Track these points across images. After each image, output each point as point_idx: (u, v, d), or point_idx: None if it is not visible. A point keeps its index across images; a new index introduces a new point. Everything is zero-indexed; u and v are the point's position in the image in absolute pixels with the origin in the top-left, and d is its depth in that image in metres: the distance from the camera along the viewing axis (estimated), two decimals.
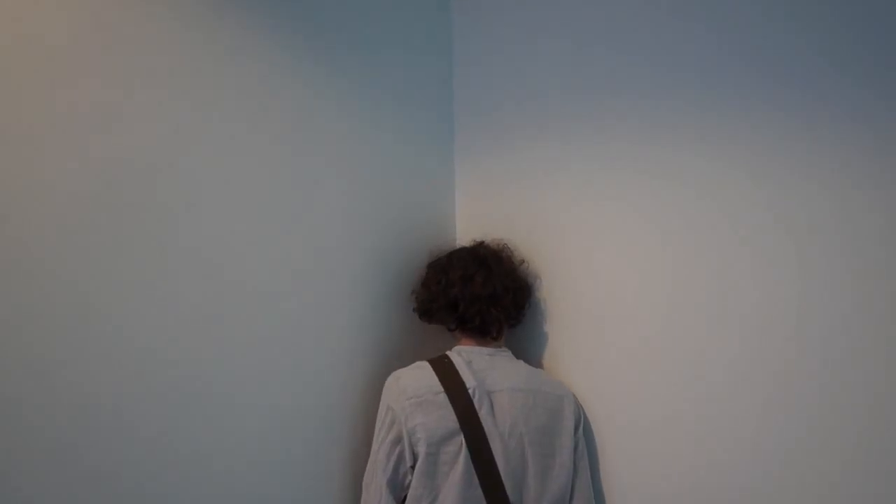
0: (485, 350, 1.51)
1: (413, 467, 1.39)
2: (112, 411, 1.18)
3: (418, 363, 1.49)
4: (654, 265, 1.42)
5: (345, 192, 1.55)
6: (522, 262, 1.63)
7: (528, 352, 1.65)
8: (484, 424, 1.39)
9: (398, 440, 1.40)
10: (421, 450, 1.37)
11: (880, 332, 1.14)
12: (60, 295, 1.13)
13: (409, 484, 1.38)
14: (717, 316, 1.32)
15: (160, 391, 1.24)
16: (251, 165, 1.39)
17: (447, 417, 1.39)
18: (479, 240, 1.64)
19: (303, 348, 1.46)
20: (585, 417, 1.52)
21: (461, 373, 1.43)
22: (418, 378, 1.44)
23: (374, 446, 1.43)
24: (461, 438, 1.38)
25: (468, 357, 1.48)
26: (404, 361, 1.53)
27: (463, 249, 1.61)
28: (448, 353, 1.51)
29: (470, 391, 1.41)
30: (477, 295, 1.49)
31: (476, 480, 1.36)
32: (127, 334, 1.21)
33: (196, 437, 1.29)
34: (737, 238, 1.30)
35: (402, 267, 1.65)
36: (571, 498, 1.44)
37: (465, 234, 1.78)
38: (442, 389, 1.41)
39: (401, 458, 1.39)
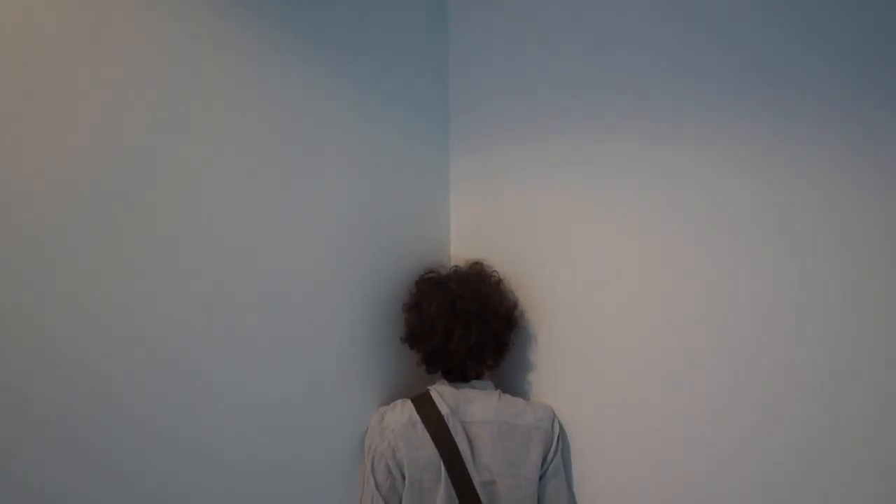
0: (461, 383, 1.57)
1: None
2: (111, 404, 1.19)
3: (402, 399, 1.56)
4: (649, 268, 1.43)
5: (341, 189, 1.56)
6: (514, 297, 1.65)
7: (523, 354, 1.65)
8: (460, 447, 1.46)
9: (388, 474, 1.47)
10: (406, 479, 1.45)
11: (878, 336, 1.14)
12: (58, 291, 1.13)
13: None
14: (713, 320, 1.33)
15: (162, 384, 1.25)
16: (247, 162, 1.38)
17: (426, 445, 1.46)
18: (470, 262, 1.67)
19: (304, 340, 1.48)
20: (564, 441, 1.55)
21: (437, 403, 1.51)
22: (399, 412, 1.52)
23: (365, 486, 1.50)
24: (440, 463, 1.45)
25: (443, 389, 1.55)
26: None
27: (447, 295, 1.57)
28: (429, 388, 1.57)
29: (444, 418, 1.48)
30: (455, 350, 1.54)
31: (457, 501, 1.44)
32: (126, 328, 1.21)
33: (198, 430, 1.31)
34: (734, 243, 1.30)
35: (394, 267, 1.68)
36: None
37: (459, 230, 1.81)
38: (419, 419, 1.48)
39: (392, 489, 1.47)
